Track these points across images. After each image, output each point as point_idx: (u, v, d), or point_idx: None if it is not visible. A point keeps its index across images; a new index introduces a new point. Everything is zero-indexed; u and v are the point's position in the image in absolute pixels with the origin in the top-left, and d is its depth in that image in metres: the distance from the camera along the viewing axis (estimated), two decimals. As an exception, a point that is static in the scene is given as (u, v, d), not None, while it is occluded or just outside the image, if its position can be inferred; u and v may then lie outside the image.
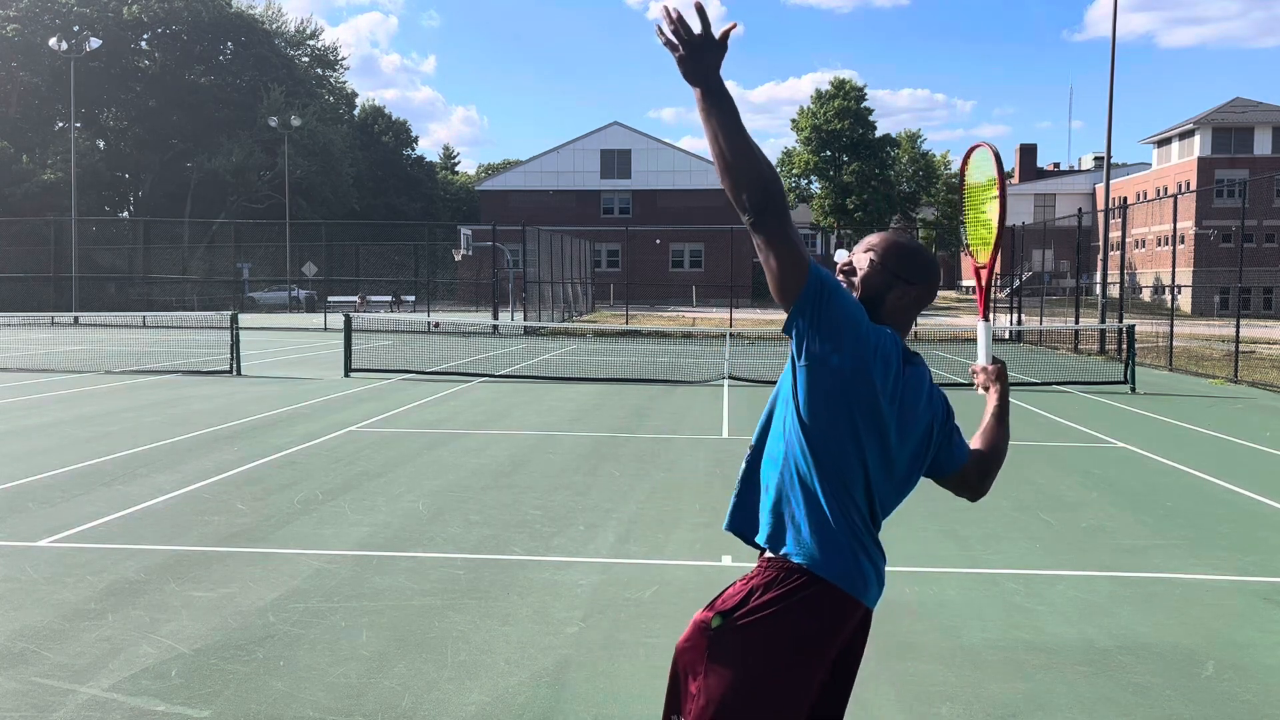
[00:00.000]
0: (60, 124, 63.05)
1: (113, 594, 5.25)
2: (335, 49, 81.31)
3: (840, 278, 2.39)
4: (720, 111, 2.09)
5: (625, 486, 8.15)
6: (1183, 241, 52.86)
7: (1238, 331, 18.01)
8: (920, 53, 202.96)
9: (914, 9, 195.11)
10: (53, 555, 5.98)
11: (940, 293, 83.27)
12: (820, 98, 66.30)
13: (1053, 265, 51.15)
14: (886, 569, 2.38)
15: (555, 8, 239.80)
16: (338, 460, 9.13)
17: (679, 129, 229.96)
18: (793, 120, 67.85)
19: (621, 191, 64.17)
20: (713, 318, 41.72)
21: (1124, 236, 26.70)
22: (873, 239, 2.45)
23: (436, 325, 33.91)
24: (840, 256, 2.46)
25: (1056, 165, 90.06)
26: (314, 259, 47.10)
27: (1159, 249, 54.78)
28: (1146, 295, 54.99)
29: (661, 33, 2.10)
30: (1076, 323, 27.03)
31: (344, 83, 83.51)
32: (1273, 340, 26.55)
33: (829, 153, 65.95)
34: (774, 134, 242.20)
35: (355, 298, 45.28)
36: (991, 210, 2.77)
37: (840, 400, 2.20)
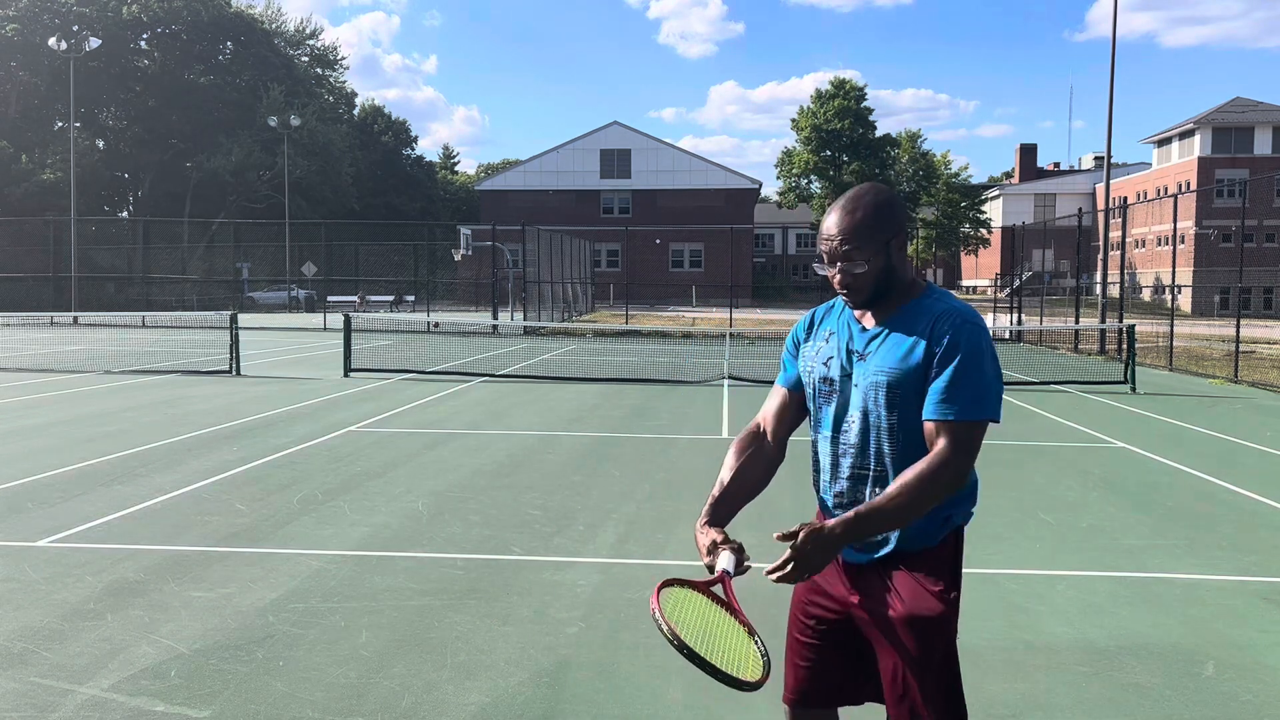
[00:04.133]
0: (60, 124, 63.03)
1: (112, 594, 5.24)
2: (335, 49, 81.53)
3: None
4: (877, 523, 2.19)
5: (625, 486, 8.14)
6: (1183, 241, 52.84)
7: (1238, 331, 18.01)
8: (922, 52, 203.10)
9: (916, 9, 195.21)
10: (52, 555, 5.97)
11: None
12: (820, 97, 66.39)
13: (1053, 265, 51.15)
14: None
15: (556, 8, 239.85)
16: (337, 460, 9.13)
17: (679, 129, 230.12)
18: (793, 120, 67.96)
19: (621, 191, 64.15)
20: (713, 318, 41.68)
21: (1124, 236, 26.68)
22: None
23: (436, 325, 33.89)
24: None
25: (1057, 165, 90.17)
26: (313, 259, 47.06)
27: (1159, 249, 54.77)
28: (1147, 295, 54.98)
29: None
30: (1076, 322, 27.03)
31: (344, 82, 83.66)
32: (1273, 340, 26.53)
33: (829, 152, 66.00)
34: (774, 134, 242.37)
35: (355, 297, 45.26)
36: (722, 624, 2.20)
37: None
